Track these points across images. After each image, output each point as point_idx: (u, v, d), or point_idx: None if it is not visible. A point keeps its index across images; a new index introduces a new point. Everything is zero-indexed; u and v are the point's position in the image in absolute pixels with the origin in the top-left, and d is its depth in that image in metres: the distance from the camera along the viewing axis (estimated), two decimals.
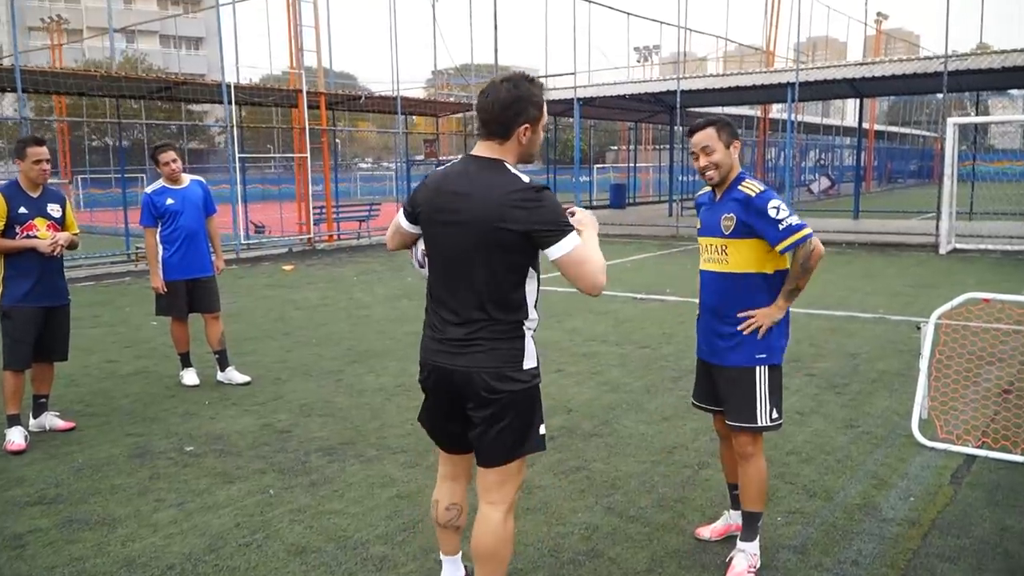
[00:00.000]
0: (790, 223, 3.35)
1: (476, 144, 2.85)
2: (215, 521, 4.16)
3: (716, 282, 3.56)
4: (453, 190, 2.81)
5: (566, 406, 6.03)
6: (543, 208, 2.69)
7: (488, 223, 2.70)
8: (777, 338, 3.54)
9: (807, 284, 3.48)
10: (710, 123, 3.54)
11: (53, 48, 30.73)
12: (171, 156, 6.59)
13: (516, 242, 2.70)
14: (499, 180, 2.73)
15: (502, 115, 2.74)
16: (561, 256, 2.71)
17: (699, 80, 21.69)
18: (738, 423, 3.53)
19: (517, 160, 2.84)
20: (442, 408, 2.97)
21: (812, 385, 6.47)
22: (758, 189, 3.44)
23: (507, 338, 2.80)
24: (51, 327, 5.51)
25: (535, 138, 2.83)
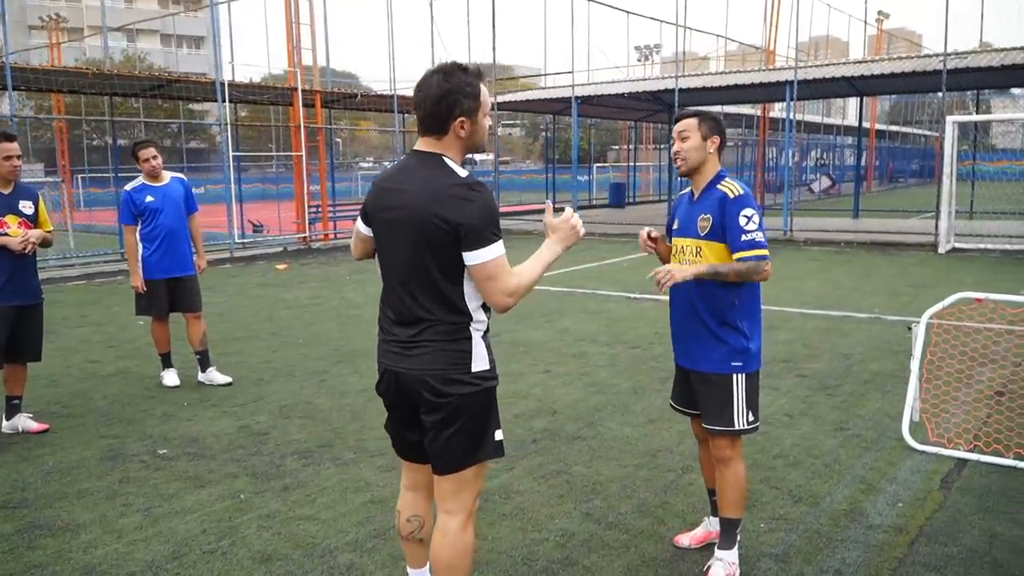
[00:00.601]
0: (755, 238, 3.25)
1: (418, 139, 2.74)
2: (181, 527, 4.04)
3: (690, 285, 3.43)
4: (391, 187, 2.70)
5: (551, 408, 5.91)
6: (474, 207, 2.56)
7: (421, 219, 2.58)
8: (751, 343, 3.42)
9: (729, 278, 3.31)
10: (695, 113, 3.45)
11: (52, 47, 30.62)
12: (151, 152, 6.48)
13: (448, 238, 2.58)
14: (436, 175, 2.62)
15: (435, 110, 2.62)
16: (474, 264, 2.59)
17: (697, 79, 21.52)
18: (715, 426, 3.43)
19: (463, 153, 2.72)
20: (399, 414, 2.85)
21: (803, 386, 6.35)
22: (737, 191, 3.32)
23: (453, 339, 2.68)
24: (23, 327, 5.39)
25: (476, 129, 2.70)
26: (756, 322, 3.46)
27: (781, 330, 8.44)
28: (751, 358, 3.43)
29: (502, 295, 2.62)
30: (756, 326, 3.45)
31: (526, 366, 7.14)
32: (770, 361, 7.11)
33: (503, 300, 2.63)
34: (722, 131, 3.45)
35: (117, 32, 51.02)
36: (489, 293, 2.63)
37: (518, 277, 2.65)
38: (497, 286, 2.61)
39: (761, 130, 29.63)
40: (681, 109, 24.54)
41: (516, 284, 2.64)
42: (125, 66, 39.62)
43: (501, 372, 6.79)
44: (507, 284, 2.61)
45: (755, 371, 3.46)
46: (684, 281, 3.33)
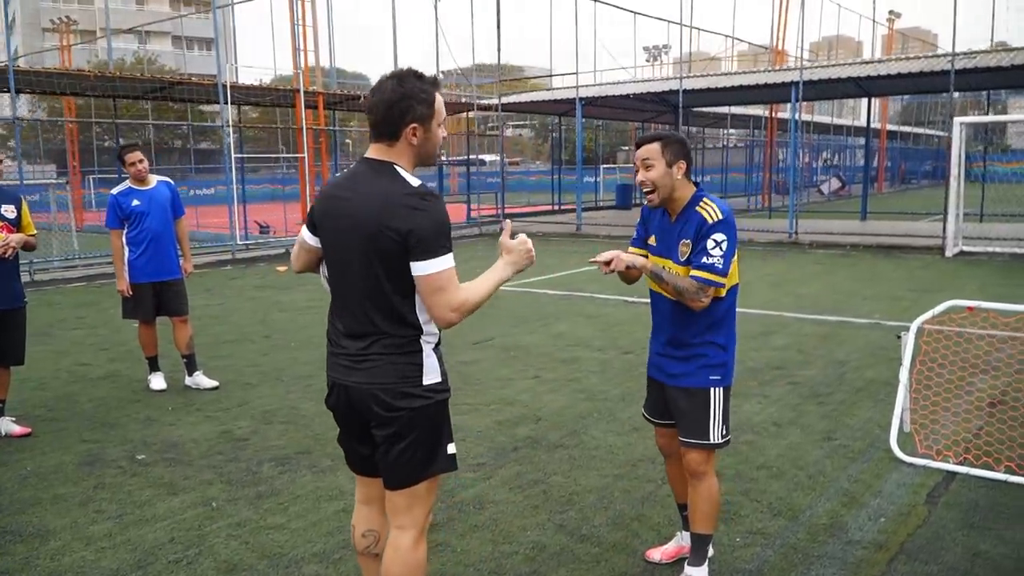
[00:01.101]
0: (714, 264, 3.16)
1: (369, 146, 2.68)
2: (150, 535, 4.00)
3: (670, 308, 3.36)
4: (340, 195, 2.64)
5: (536, 415, 5.84)
6: (424, 217, 2.50)
7: (371, 229, 2.52)
8: (730, 357, 3.38)
9: (667, 290, 3.23)
10: (657, 138, 3.32)
11: (63, 49, 30.77)
12: (137, 156, 6.45)
13: (398, 249, 2.51)
14: (385, 183, 2.55)
15: (387, 115, 2.56)
16: (421, 275, 2.52)
17: (702, 79, 21.40)
18: (690, 439, 3.35)
19: (414, 162, 2.66)
20: (349, 428, 2.80)
21: (794, 394, 6.25)
22: (716, 216, 3.21)
23: (403, 352, 2.62)
24: (5, 331, 5.37)
25: (429, 137, 2.64)
26: (733, 335, 3.39)
27: (777, 335, 8.34)
28: (728, 371, 3.37)
29: (447, 309, 2.55)
30: (732, 339, 3.39)
31: (516, 371, 7.08)
32: (762, 368, 7.03)
33: (447, 315, 2.57)
34: (687, 154, 3.32)
35: (129, 34, 51.34)
36: (433, 306, 2.56)
37: (466, 292, 2.58)
38: (443, 299, 2.54)
39: (769, 131, 29.48)
40: (688, 110, 24.36)
41: (463, 299, 2.57)
42: (135, 68, 39.82)
43: (491, 378, 6.81)
44: (453, 298, 2.55)
45: (730, 383, 3.40)
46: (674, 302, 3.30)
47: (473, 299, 2.59)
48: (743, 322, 9.07)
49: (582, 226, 21.70)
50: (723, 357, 3.32)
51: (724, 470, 4.71)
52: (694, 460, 3.38)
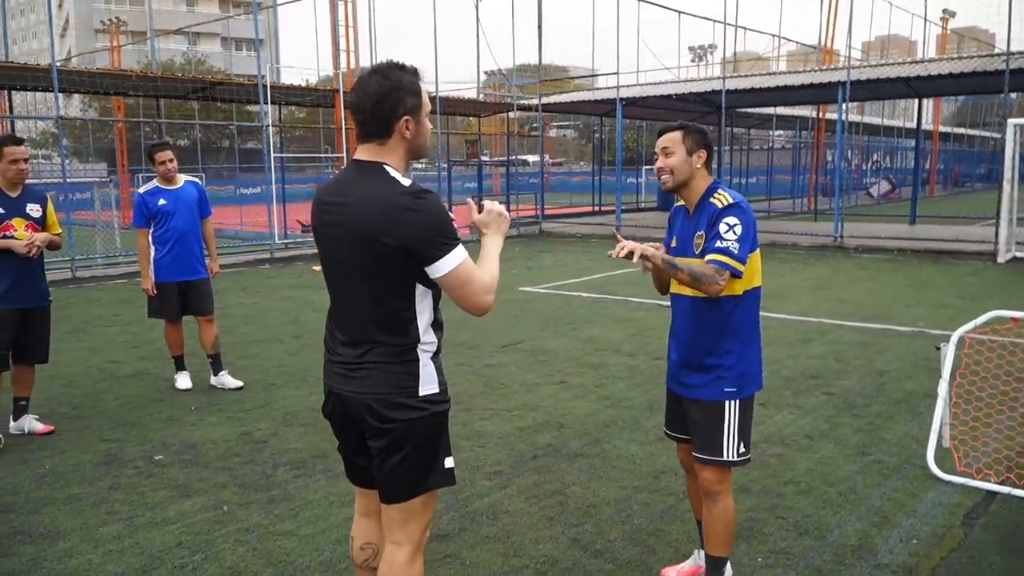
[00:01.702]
0: (729, 246, 3.03)
1: (357, 147, 2.58)
2: (158, 538, 3.96)
3: (688, 308, 3.23)
4: (332, 200, 2.55)
5: (559, 422, 5.71)
6: (422, 217, 2.40)
7: (364, 235, 2.43)
8: (749, 367, 3.21)
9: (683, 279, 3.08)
10: (680, 127, 3.24)
11: (112, 49, 31.36)
12: (168, 155, 6.47)
13: (395, 256, 2.42)
14: (376, 186, 2.45)
15: (377, 111, 2.46)
16: (443, 275, 2.44)
17: (746, 79, 21.01)
18: (703, 455, 3.20)
19: (407, 158, 2.57)
20: (345, 438, 2.71)
21: (829, 405, 6.02)
22: (727, 200, 3.13)
23: (398, 362, 2.52)
24: (29, 329, 5.39)
25: (421, 129, 2.54)
26: (753, 342, 3.24)
27: (815, 343, 8.09)
28: (746, 382, 3.21)
29: (483, 294, 2.49)
30: (752, 346, 3.24)
31: (542, 376, 6.94)
32: (797, 377, 6.80)
33: (484, 299, 2.50)
34: (708, 145, 3.22)
35: (179, 36, 52.26)
36: (467, 297, 2.48)
37: (488, 272, 2.53)
38: (474, 288, 2.47)
39: (817, 132, 28.89)
40: (732, 111, 23.97)
41: (490, 280, 2.52)
42: (182, 69, 40.49)
43: (516, 382, 6.70)
44: (483, 282, 2.49)
45: (750, 396, 3.23)
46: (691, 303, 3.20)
47: (495, 276, 2.55)
48: (779, 328, 8.87)
49: (621, 227, 21.46)
50: (741, 367, 3.16)
51: (750, 485, 4.53)
52: (707, 478, 3.23)
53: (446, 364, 2.72)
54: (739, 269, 3.04)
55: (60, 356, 7.80)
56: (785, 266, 14.43)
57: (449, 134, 22.89)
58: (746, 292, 3.16)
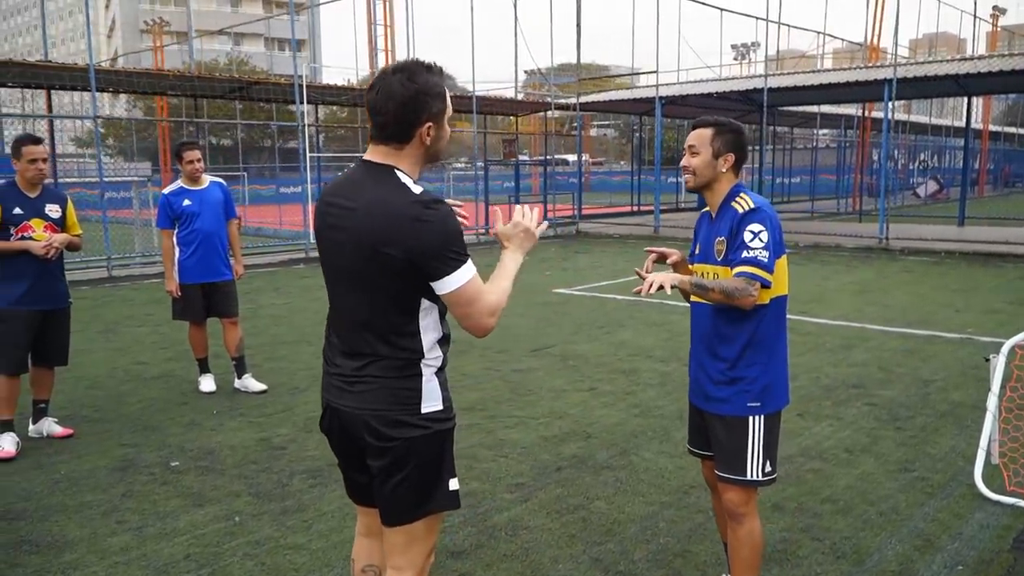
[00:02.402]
0: (756, 256, 2.84)
1: (368, 147, 2.41)
2: (166, 550, 3.85)
3: (708, 317, 3.03)
4: (338, 202, 2.38)
5: (586, 431, 5.51)
6: (431, 229, 2.23)
7: (369, 244, 2.27)
8: (774, 380, 2.99)
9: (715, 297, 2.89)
10: (712, 123, 3.02)
11: (156, 50, 31.87)
12: (195, 155, 6.40)
13: (401, 268, 2.26)
14: (386, 193, 2.28)
15: (401, 115, 2.28)
16: (449, 293, 2.28)
17: (788, 77, 20.53)
18: (726, 475, 3.00)
19: (422, 163, 2.39)
20: (344, 455, 2.55)
21: (870, 417, 5.74)
22: (749, 205, 2.93)
23: (400, 376, 2.35)
24: (48, 331, 5.34)
25: (441, 134, 2.37)
26: (778, 354, 3.02)
27: (857, 350, 7.77)
28: (771, 396, 3.00)
29: (486, 317, 2.33)
30: (777, 358, 3.02)
31: (570, 382, 6.75)
32: (838, 386, 6.51)
33: (486, 322, 2.34)
34: (741, 147, 3.02)
35: (223, 36, 52.95)
36: (470, 318, 2.32)
37: (496, 294, 2.36)
38: (478, 309, 2.31)
39: (862, 131, 28.22)
40: (774, 109, 23.47)
41: (496, 302, 2.35)
42: (225, 69, 40.95)
43: (544, 388, 6.52)
44: (488, 304, 2.32)
45: (775, 412, 3.02)
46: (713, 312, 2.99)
47: (504, 298, 2.38)
48: (820, 334, 8.56)
49: (660, 228, 21.16)
50: (765, 380, 2.96)
51: (785, 502, 4.30)
52: (731, 499, 3.03)
53: (473, 368, 2.57)
54: (768, 279, 2.85)
55: (88, 357, 7.81)
56: (828, 268, 14.04)
57: (487, 133, 22.72)
58: (772, 300, 2.95)
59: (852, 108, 29.63)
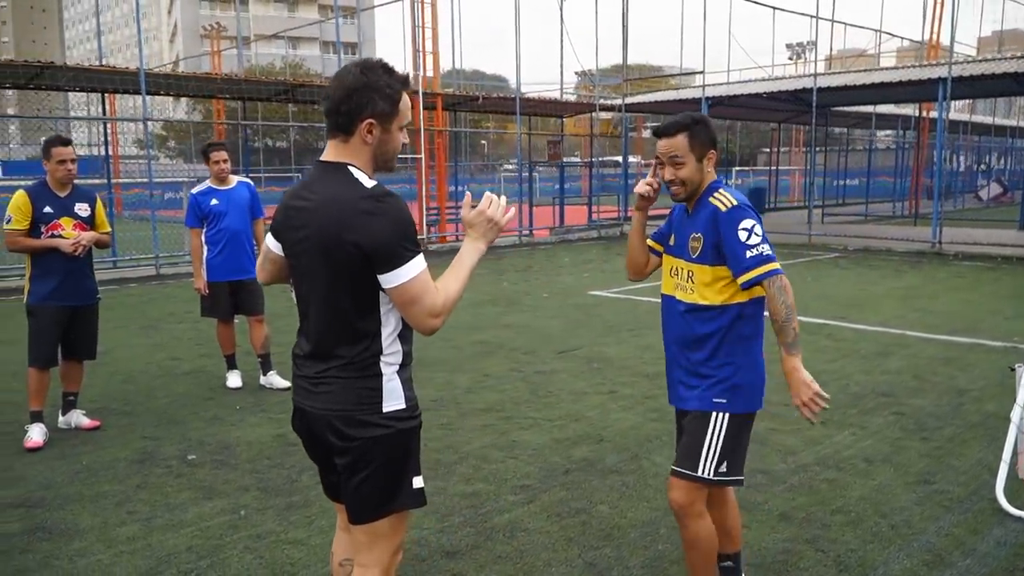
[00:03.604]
0: (761, 251, 2.77)
1: (326, 145, 2.43)
2: (171, 541, 3.93)
3: (681, 315, 2.97)
4: (295, 203, 2.41)
5: (599, 435, 5.47)
6: (379, 221, 2.24)
7: (326, 240, 2.29)
8: (746, 381, 2.91)
9: (794, 327, 2.82)
10: (681, 127, 2.89)
11: (213, 54, 32.60)
12: (222, 156, 6.53)
13: (356, 263, 2.27)
14: (339, 187, 2.31)
15: (344, 104, 2.31)
16: (393, 287, 2.28)
17: (839, 76, 20.07)
18: (676, 467, 2.95)
19: (372, 165, 2.40)
20: (314, 455, 2.59)
21: (896, 427, 5.58)
22: (730, 202, 2.84)
23: (360, 376, 2.36)
24: (77, 326, 5.49)
25: (387, 139, 2.37)
26: (753, 355, 2.94)
27: (892, 357, 7.56)
28: (740, 397, 2.90)
29: (428, 317, 2.32)
30: (752, 359, 2.93)
31: (592, 385, 6.70)
32: (866, 394, 6.35)
33: (429, 322, 2.33)
34: (715, 139, 2.94)
35: (280, 39, 53.96)
36: (412, 316, 2.33)
37: (444, 293, 2.35)
38: (421, 308, 2.30)
39: (920, 132, 27.47)
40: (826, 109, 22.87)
41: (443, 302, 2.33)
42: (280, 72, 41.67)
43: (564, 390, 6.50)
44: (433, 304, 2.31)
45: (743, 413, 2.92)
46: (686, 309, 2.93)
47: (453, 297, 2.36)
48: (855, 340, 8.35)
49: None
50: (736, 380, 2.88)
51: (793, 512, 4.20)
52: (675, 498, 2.95)
53: (498, 369, 2.58)
54: (781, 268, 2.80)
55: (127, 352, 8.04)
56: (874, 273, 13.70)
57: (531, 135, 22.69)
58: (750, 300, 2.89)
59: (910, 108, 28.88)
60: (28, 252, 5.31)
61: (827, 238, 19.13)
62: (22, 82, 14.00)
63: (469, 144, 36.56)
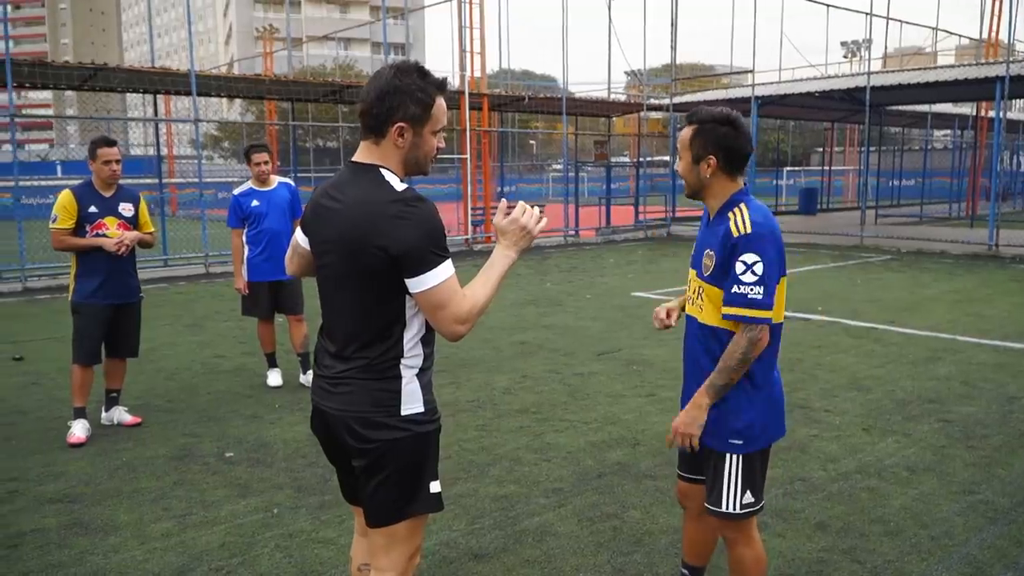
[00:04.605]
0: (747, 293, 2.59)
1: (360, 145, 2.43)
2: (204, 539, 3.98)
3: (693, 333, 2.87)
4: (326, 203, 2.42)
5: (635, 438, 5.40)
6: (407, 225, 2.23)
7: (354, 242, 2.29)
8: (759, 418, 2.75)
9: (734, 374, 2.67)
10: (694, 120, 2.77)
11: (265, 55, 33.12)
12: (263, 157, 6.62)
13: (385, 267, 2.27)
14: (368, 190, 2.30)
15: (375, 106, 2.31)
16: (420, 291, 2.27)
17: (892, 75, 19.60)
18: (707, 504, 2.86)
19: (403, 169, 2.39)
20: (332, 456, 2.59)
21: (941, 435, 5.41)
22: (745, 227, 2.63)
23: (380, 378, 2.36)
24: (119, 324, 5.61)
25: (420, 143, 2.36)
26: (769, 386, 2.76)
27: (942, 362, 7.34)
28: (755, 434, 2.74)
29: (454, 323, 2.30)
30: (764, 392, 2.75)
31: (631, 388, 6.63)
32: (913, 400, 6.17)
33: (455, 329, 2.32)
34: (726, 146, 2.70)
35: (332, 41, 54.64)
36: (439, 322, 2.32)
37: (471, 300, 2.33)
38: (448, 314, 2.29)
39: (979, 131, 26.70)
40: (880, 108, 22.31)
41: (469, 309, 2.32)
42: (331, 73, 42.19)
43: (602, 393, 6.46)
44: (459, 310, 2.29)
45: (757, 450, 2.78)
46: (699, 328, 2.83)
47: (480, 304, 2.35)
48: (904, 344, 8.14)
49: None
50: (750, 415, 2.72)
51: (831, 521, 4.10)
52: (716, 524, 2.90)
53: (537, 371, 2.56)
54: (761, 316, 2.60)
55: (173, 349, 8.19)
56: (927, 276, 13.35)
57: (577, 135, 22.61)
58: None
59: (967, 107, 28.09)
60: (73, 251, 5.43)
61: (880, 240, 18.70)
62: (77, 84, 14.40)
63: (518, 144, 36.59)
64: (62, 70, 13.48)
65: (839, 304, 10.51)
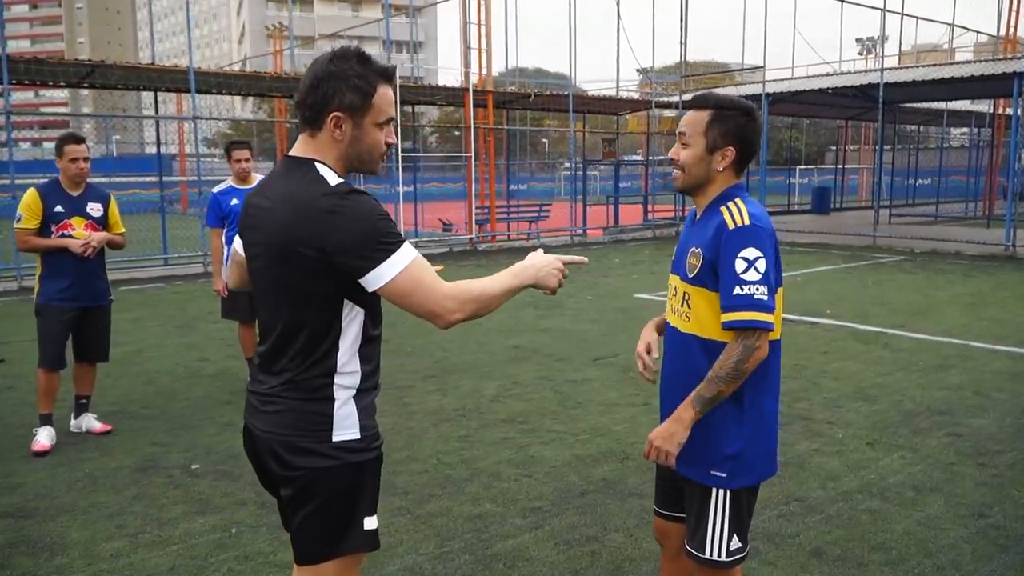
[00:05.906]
0: (752, 293, 2.26)
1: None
2: (154, 560, 3.74)
3: (676, 344, 2.51)
4: (256, 202, 2.17)
5: (624, 451, 5.12)
6: (344, 221, 1.97)
7: (281, 244, 2.04)
8: (751, 447, 2.40)
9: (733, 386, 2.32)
10: (709, 103, 2.44)
11: (275, 54, 32.95)
12: (244, 155, 6.38)
13: (319, 269, 2.01)
14: (300, 186, 2.05)
15: (310, 95, 2.07)
16: (383, 287, 2.00)
17: (906, 72, 19.20)
18: (687, 547, 2.52)
19: (343, 165, 2.14)
20: (263, 480, 2.34)
21: (951, 449, 5.10)
22: (742, 219, 2.32)
23: (309, 399, 2.11)
24: (88, 328, 5.38)
25: (361, 137, 2.11)
26: (760, 411, 2.41)
27: (954, 371, 7.01)
28: (743, 467, 2.40)
29: (435, 304, 2.02)
30: (759, 417, 2.41)
31: (625, 396, 6.35)
32: (921, 412, 5.86)
33: (440, 309, 2.03)
34: (745, 138, 2.42)
35: (342, 39, 54.54)
36: (418, 309, 2.04)
37: (460, 283, 2.07)
38: (423, 297, 2.01)
39: (996, 129, 26.20)
40: (894, 105, 21.88)
41: (452, 287, 2.05)
42: None
43: (594, 401, 6.16)
44: (436, 290, 2.02)
45: (746, 487, 2.44)
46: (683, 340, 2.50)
47: (473, 291, 2.07)
48: (914, 351, 7.81)
49: None
50: (739, 444, 2.37)
51: (828, 548, 3.81)
52: (698, 570, 2.54)
53: (527, 377, 2.30)
54: (771, 322, 2.28)
55: (158, 351, 7.98)
56: (940, 278, 12.97)
57: (586, 133, 22.31)
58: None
59: (985, 104, 27.58)
60: (38, 252, 5.21)
61: (893, 240, 18.30)
62: (74, 81, 14.24)
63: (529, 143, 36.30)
64: (58, 67, 13.31)
65: (848, 307, 10.17)
